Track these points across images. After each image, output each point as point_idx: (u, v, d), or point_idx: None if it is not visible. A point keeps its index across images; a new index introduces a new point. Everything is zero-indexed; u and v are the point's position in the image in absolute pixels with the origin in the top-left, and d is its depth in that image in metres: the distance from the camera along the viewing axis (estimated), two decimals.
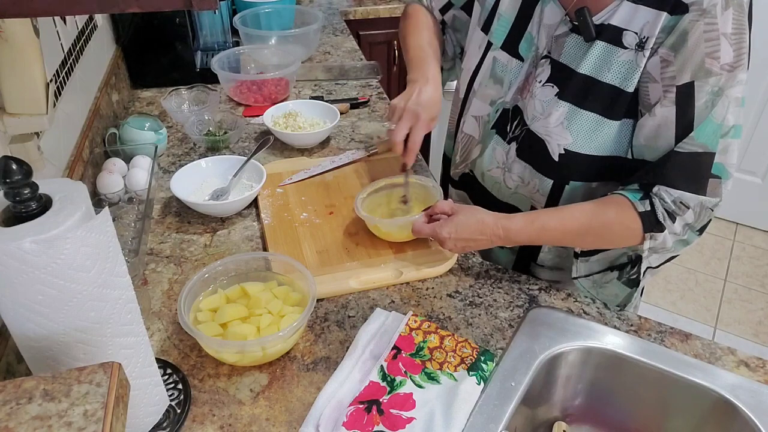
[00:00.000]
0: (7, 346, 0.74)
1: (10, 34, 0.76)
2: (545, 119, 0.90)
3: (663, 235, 0.85)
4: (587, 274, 1.01)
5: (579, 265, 1.00)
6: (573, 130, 0.88)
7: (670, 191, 0.82)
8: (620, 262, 0.99)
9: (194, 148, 1.35)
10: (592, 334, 0.86)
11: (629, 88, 0.84)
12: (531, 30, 0.94)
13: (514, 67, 0.96)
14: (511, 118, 0.97)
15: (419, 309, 0.92)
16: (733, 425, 0.78)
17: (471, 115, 1.05)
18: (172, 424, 0.73)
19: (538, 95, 0.91)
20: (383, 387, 0.78)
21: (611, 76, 0.85)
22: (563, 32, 0.89)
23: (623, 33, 0.83)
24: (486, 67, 1.01)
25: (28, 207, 0.53)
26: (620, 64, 0.84)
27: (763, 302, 2.40)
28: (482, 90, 1.02)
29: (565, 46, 0.89)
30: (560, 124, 0.89)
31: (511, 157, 0.98)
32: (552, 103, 0.90)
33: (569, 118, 0.88)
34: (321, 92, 1.62)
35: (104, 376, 0.47)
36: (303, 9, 1.95)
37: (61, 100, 1.07)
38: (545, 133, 0.91)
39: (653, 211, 0.83)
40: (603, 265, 1.00)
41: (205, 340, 0.78)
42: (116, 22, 1.57)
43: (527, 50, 0.95)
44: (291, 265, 0.89)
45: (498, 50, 0.99)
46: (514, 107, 0.97)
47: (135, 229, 1.05)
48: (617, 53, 0.84)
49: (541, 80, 0.91)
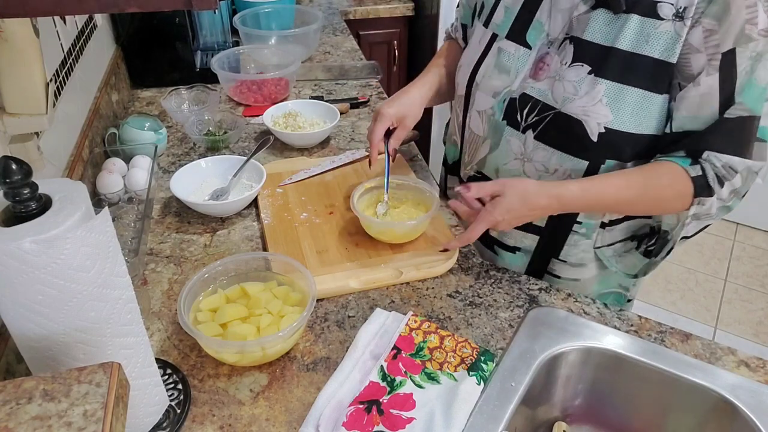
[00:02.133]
0: (7, 346, 0.74)
1: (10, 34, 0.76)
2: (581, 99, 0.89)
3: (710, 200, 0.87)
4: (610, 243, 1.02)
5: (603, 234, 1.01)
6: (615, 107, 0.87)
7: (720, 156, 0.84)
8: (642, 232, 1.00)
9: (194, 148, 1.35)
10: (592, 334, 0.86)
11: (672, 59, 0.84)
12: (540, 17, 0.94)
13: (522, 55, 0.96)
14: (520, 106, 0.96)
15: (419, 309, 0.92)
16: (733, 425, 0.78)
17: (475, 110, 1.04)
18: (172, 424, 0.73)
19: (567, 76, 0.90)
20: (383, 387, 0.78)
21: (652, 48, 0.84)
22: (584, 11, 0.89)
23: (658, 5, 0.83)
24: (491, 59, 1.00)
25: (28, 207, 0.53)
26: (659, 35, 0.83)
27: (764, 302, 2.40)
28: (486, 82, 1.01)
29: (591, 23, 0.88)
30: (599, 102, 0.88)
31: (530, 145, 0.96)
32: (587, 81, 0.88)
33: (610, 96, 0.87)
34: (321, 92, 1.62)
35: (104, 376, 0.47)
36: (303, 9, 1.95)
37: (60, 100, 1.07)
38: (582, 113, 0.89)
39: (704, 175, 0.85)
40: (625, 233, 1.01)
41: (204, 340, 0.78)
42: (116, 21, 1.57)
43: (536, 38, 0.95)
44: (291, 265, 0.89)
45: (503, 40, 0.98)
46: (521, 95, 0.96)
47: (135, 229, 1.05)
48: (655, 25, 0.83)
49: (566, 62, 0.90)
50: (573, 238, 1.02)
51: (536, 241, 1.05)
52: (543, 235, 1.03)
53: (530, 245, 1.06)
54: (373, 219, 1.00)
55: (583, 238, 1.02)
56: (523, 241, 1.06)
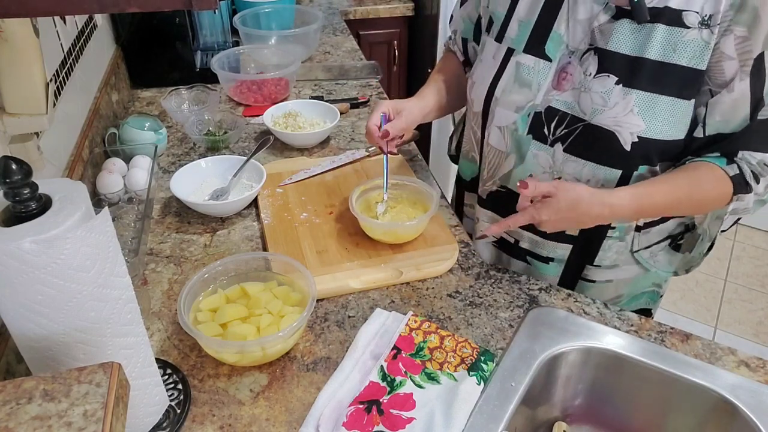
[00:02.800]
0: (7, 346, 0.74)
1: (10, 34, 0.76)
2: (611, 110, 0.89)
3: (748, 196, 0.89)
4: (647, 246, 1.02)
5: (639, 238, 1.01)
6: (647, 116, 0.87)
7: (754, 155, 0.87)
8: (677, 232, 1.01)
9: (194, 148, 1.35)
10: (592, 334, 0.86)
11: (701, 66, 0.84)
12: (558, 29, 0.93)
13: (542, 68, 0.95)
14: (546, 120, 0.95)
15: (419, 309, 0.92)
16: (734, 425, 0.78)
17: (495, 126, 1.02)
18: (172, 424, 0.73)
19: (593, 88, 0.90)
20: (383, 387, 0.78)
21: (680, 56, 0.85)
22: (606, 21, 0.88)
23: (683, 14, 0.83)
24: (509, 74, 0.98)
25: (28, 207, 0.53)
26: (687, 43, 0.84)
27: (764, 302, 2.40)
28: (506, 97, 0.99)
29: (615, 33, 0.88)
30: (630, 112, 0.87)
31: (559, 158, 0.95)
32: (615, 92, 0.88)
33: (641, 105, 0.87)
34: (321, 92, 1.62)
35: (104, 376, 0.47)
36: (303, 9, 1.95)
37: (60, 100, 1.07)
38: (614, 124, 0.89)
39: (741, 173, 0.87)
40: (661, 235, 1.02)
41: (204, 340, 0.78)
42: (116, 21, 1.57)
43: (555, 49, 0.94)
44: (291, 265, 0.89)
45: (521, 54, 0.97)
46: (547, 108, 0.95)
47: (135, 229, 1.05)
48: (681, 33, 0.84)
49: (591, 73, 0.90)
50: (607, 243, 1.01)
51: (569, 250, 1.03)
52: (576, 243, 1.02)
53: (563, 254, 1.04)
54: (372, 221, 1.00)
55: (617, 241, 1.01)
56: (556, 251, 1.04)
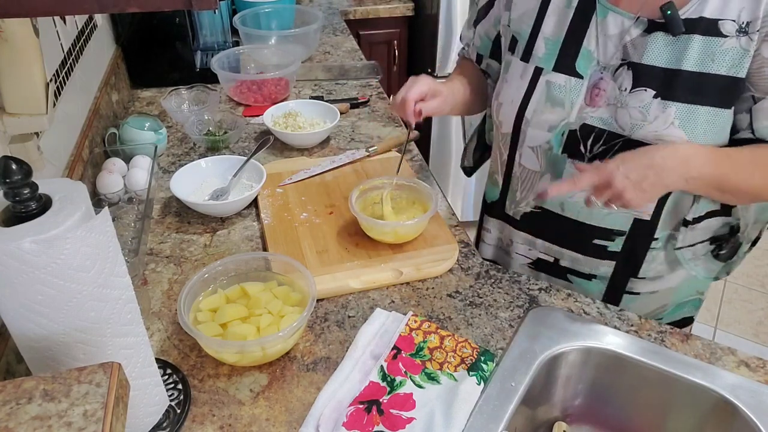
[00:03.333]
0: (7, 346, 0.74)
1: (10, 34, 0.76)
2: (651, 124, 0.87)
3: None
4: (691, 244, 0.99)
5: (686, 234, 0.98)
6: (688, 127, 0.86)
7: None
8: (720, 233, 0.99)
9: (194, 148, 1.35)
10: (592, 334, 0.86)
11: (741, 73, 0.83)
12: (588, 45, 0.92)
13: (574, 85, 0.93)
14: (582, 137, 0.94)
15: (419, 309, 0.92)
16: (734, 425, 0.78)
17: (527, 146, 1.00)
18: (172, 424, 0.73)
19: (630, 103, 0.88)
20: (383, 387, 0.78)
21: (718, 66, 0.83)
22: (638, 35, 0.87)
23: (719, 23, 0.82)
24: (539, 94, 0.97)
25: (28, 207, 0.53)
26: (725, 52, 0.83)
27: (764, 302, 2.40)
28: (537, 117, 0.97)
29: (648, 47, 0.87)
30: (671, 125, 0.86)
31: None
32: (654, 106, 0.87)
33: (681, 117, 0.86)
34: (321, 92, 1.62)
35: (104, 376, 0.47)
36: (303, 9, 1.95)
37: (60, 100, 1.07)
38: (655, 138, 0.87)
39: None
40: (706, 234, 0.99)
41: (204, 340, 0.78)
42: (116, 21, 1.57)
43: (586, 66, 0.92)
44: (291, 265, 0.89)
45: (551, 73, 0.95)
46: (582, 126, 0.93)
47: (135, 229, 1.05)
48: (719, 43, 0.83)
49: (626, 88, 0.89)
50: (651, 254, 0.99)
51: (612, 266, 1.02)
52: (619, 259, 1.01)
53: (606, 271, 1.03)
54: (372, 220, 1.00)
55: (660, 251, 0.99)
56: (599, 269, 1.03)
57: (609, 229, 0.98)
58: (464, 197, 2.63)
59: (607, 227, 0.98)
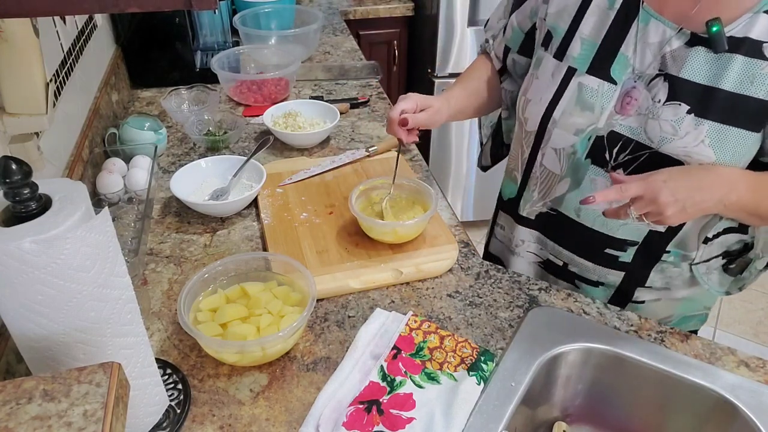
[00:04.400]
0: (7, 346, 0.74)
1: (10, 34, 0.76)
2: (681, 139, 0.86)
3: None
4: (707, 259, 0.98)
5: (704, 250, 0.96)
6: (718, 147, 0.84)
7: None
8: (734, 249, 0.98)
9: (194, 148, 1.35)
10: (592, 334, 0.86)
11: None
12: (625, 51, 0.90)
13: (606, 90, 0.91)
14: (608, 145, 0.92)
15: (419, 309, 0.92)
16: (733, 425, 0.78)
17: (551, 147, 0.99)
18: (171, 424, 0.73)
19: (662, 115, 0.87)
20: (383, 387, 0.78)
21: (756, 89, 0.81)
22: (679, 47, 0.85)
23: (764, 45, 0.80)
24: (570, 95, 0.94)
25: (28, 207, 0.53)
26: (765, 76, 0.81)
27: (764, 302, 2.40)
28: (566, 119, 0.95)
29: (689, 61, 0.85)
30: (701, 143, 0.85)
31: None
32: (687, 121, 0.85)
33: (713, 136, 0.84)
34: (321, 92, 1.62)
35: (104, 376, 0.47)
36: (303, 9, 1.95)
37: (60, 100, 1.07)
38: (684, 154, 0.86)
39: None
40: (721, 248, 0.98)
41: (204, 340, 0.78)
42: (116, 22, 1.57)
43: (621, 72, 0.90)
44: (291, 265, 0.89)
45: (584, 75, 0.93)
46: (610, 132, 0.92)
47: (135, 229, 1.05)
48: (761, 66, 0.80)
49: (660, 99, 0.87)
50: (661, 266, 0.99)
51: (621, 277, 1.01)
52: (629, 270, 1.00)
53: (614, 280, 1.02)
54: (372, 220, 1.00)
55: (670, 266, 0.98)
56: (607, 277, 1.02)
57: (622, 239, 0.97)
58: (464, 197, 2.63)
59: (621, 237, 0.97)
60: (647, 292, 1.02)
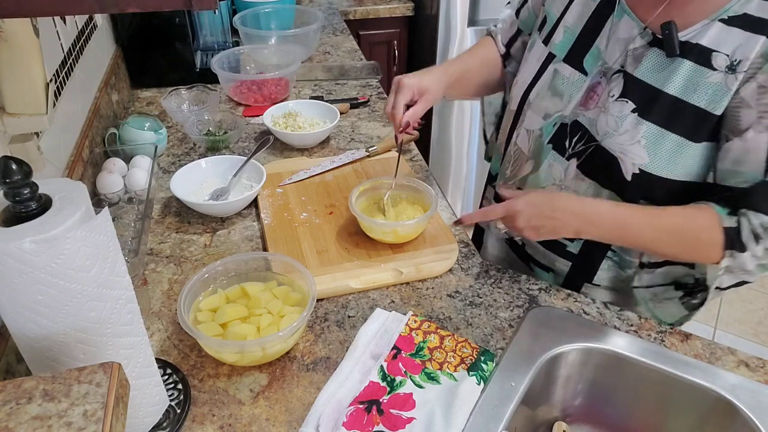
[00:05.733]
0: (7, 346, 0.74)
1: (10, 34, 0.76)
2: (620, 136, 0.87)
3: (744, 255, 0.81)
4: (648, 285, 0.98)
5: (642, 276, 0.97)
6: (652, 150, 0.85)
7: (759, 215, 0.80)
8: (685, 281, 0.96)
9: (194, 148, 1.35)
10: (592, 334, 0.86)
11: (717, 111, 0.81)
12: (599, 43, 0.91)
13: (576, 80, 0.93)
14: (571, 133, 0.94)
15: (419, 309, 0.92)
16: (733, 425, 0.78)
17: (524, 128, 1.02)
18: (172, 424, 0.73)
19: (611, 110, 0.88)
20: (383, 387, 0.78)
21: (698, 98, 0.81)
22: (640, 46, 0.86)
23: (713, 54, 0.80)
24: (545, 80, 0.98)
25: (28, 207, 0.53)
26: (708, 85, 0.81)
27: (763, 302, 2.40)
28: (538, 102, 0.98)
29: (644, 61, 0.86)
30: (637, 143, 0.85)
31: (571, 174, 0.94)
32: (628, 119, 0.86)
33: (649, 138, 0.85)
34: (321, 92, 1.62)
35: (104, 376, 0.47)
36: (303, 9, 1.95)
37: (61, 100, 1.07)
38: (619, 151, 0.87)
39: (739, 229, 0.80)
40: (666, 279, 0.97)
41: (204, 340, 0.78)
42: (116, 22, 1.57)
43: (592, 64, 0.92)
44: (291, 265, 0.89)
45: (560, 63, 0.96)
46: (573, 122, 0.93)
47: (135, 229, 1.05)
48: (706, 74, 0.81)
49: (614, 95, 0.88)
50: (606, 264, 0.99)
51: (568, 267, 1.02)
52: (575, 262, 1.01)
53: (562, 269, 1.04)
54: (372, 220, 1.00)
55: (616, 266, 0.98)
56: (556, 264, 1.04)
57: None
58: (464, 197, 2.63)
59: None
60: (596, 291, 1.02)
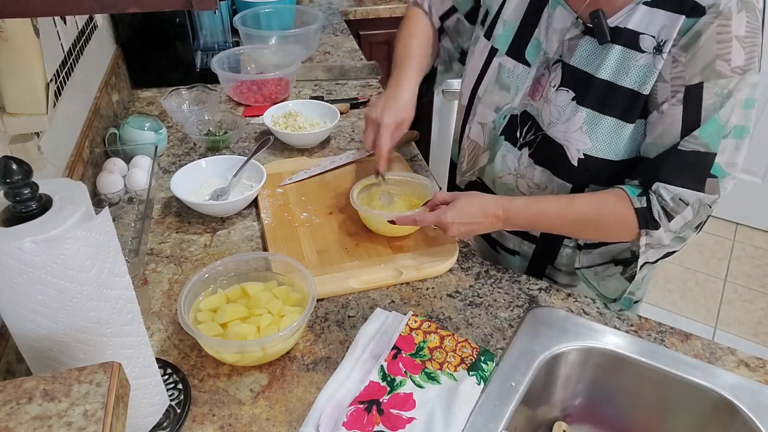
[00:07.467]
0: (7, 346, 0.74)
1: (10, 34, 0.76)
2: (563, 124, 0.89)
3: (658, 232, 0.85)
4: (589, 266, 1.02)
5: (581, 257, 1.01)
6: (593, 135, 0.88)
7: (669, 188, 0.83)
8: (623, 257, 0.99)
9: (194, 148, 1.35)
10: (592, 334, 0.86)
11: (645, 90, 0.83)
12: (538, 35, 0.93)
13: (521, 72, 0.95)
14: (521, 123, 0.97)
15: (419, 309, 0.92)
16: (733, 425, 0.78)
17: (477, 121, 1.04)
18: (172, 424, 0.73)
19: (552, 100, 0.91)
20: (383, 387, 0.78)
21: (630, 80, 0.84)
22: (575, 35, 0.88)
23: (640, 37, 0.82)
24: (491, 74, 1.00)
25: (28, 207, 0.53)
26: (638, 68, 0.83)
27: (763, 302, 2.40)
28: (487, 96, 1.01)
29: (578, 49, 0.88)
30: (579, 129, 0.88)
31: (524, 163, 0.97)
32: (569, 108, 0.89)
33: (589, 123, 0.87)
34: (321, 92, 1.62)
35: (104, 376, 0.47)
36: (303, 9, 1.95)
37: (61, 100, 1.07)
38: (564, 139, 0.90)
39: (649, 208, 0.84)
40: (605, 258, 1.01)
41: (205, 340, 0.78)
42: (116, 22, 1.57)
43: (534, 55, 0.94)
44: (291, 265, 0.89)
45: (503, 56, 0.98)
46: (522, 113, 0.96)
47: (135, 229, 1.05)
48: (635, 57, 0.83)
49: (555, 85, 0.90)
50: (564, 251, 1.03)
51: (533, 248, 1.06)
52: (538, 243, 1.05)
53: (527, 251, 1.07)
54: (372, 211, 1.01)
55: (571, 251, 1.02)
56: (521, 247, 1.08)
57: None
58: None
59: None
60: (560, 275, 1.07)
